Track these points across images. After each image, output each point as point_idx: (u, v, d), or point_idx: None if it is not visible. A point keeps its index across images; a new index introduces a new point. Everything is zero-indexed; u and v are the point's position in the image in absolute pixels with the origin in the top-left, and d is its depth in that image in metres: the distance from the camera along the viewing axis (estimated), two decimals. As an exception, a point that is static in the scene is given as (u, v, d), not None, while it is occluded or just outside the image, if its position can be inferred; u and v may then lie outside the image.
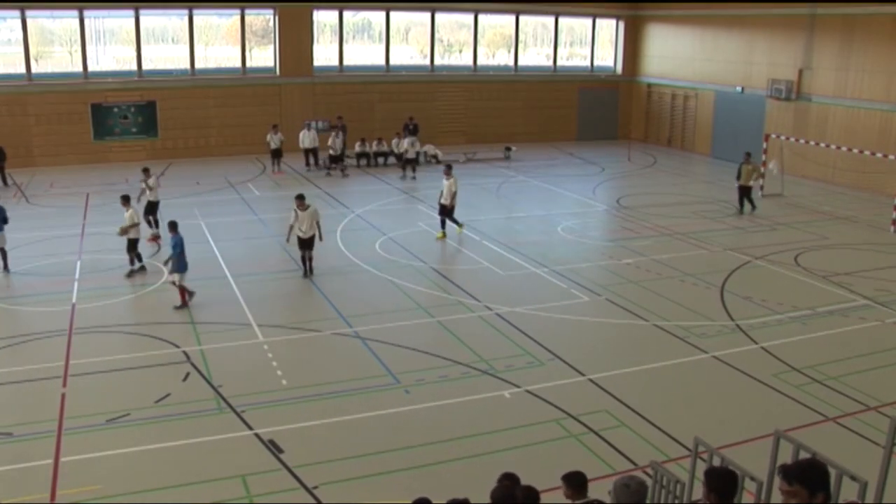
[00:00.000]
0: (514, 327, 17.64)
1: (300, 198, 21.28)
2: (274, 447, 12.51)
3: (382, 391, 14.59)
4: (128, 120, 38.31)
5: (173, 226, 19.47)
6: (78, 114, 37.36)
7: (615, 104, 47.32)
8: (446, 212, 24.89)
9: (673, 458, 11.98)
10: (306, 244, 21.10)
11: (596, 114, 46.64)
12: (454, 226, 25.15)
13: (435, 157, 38.33)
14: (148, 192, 24.78)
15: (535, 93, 45.30)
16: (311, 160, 36.53)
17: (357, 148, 37.37)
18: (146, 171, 25.20)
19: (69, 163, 36.18)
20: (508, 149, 40.18)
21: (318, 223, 21.24)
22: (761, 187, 31.59)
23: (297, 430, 13.13)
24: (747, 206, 28.77)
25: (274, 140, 35.66)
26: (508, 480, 7.57)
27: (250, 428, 13.15)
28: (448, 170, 25.33)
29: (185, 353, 16.02)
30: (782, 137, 33.20)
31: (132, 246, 21.35)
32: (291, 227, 21.15)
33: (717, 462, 8.30)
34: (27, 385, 14.83)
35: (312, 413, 13.72)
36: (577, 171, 36.90)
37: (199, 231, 25.49)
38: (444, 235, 24.93)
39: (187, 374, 15.17)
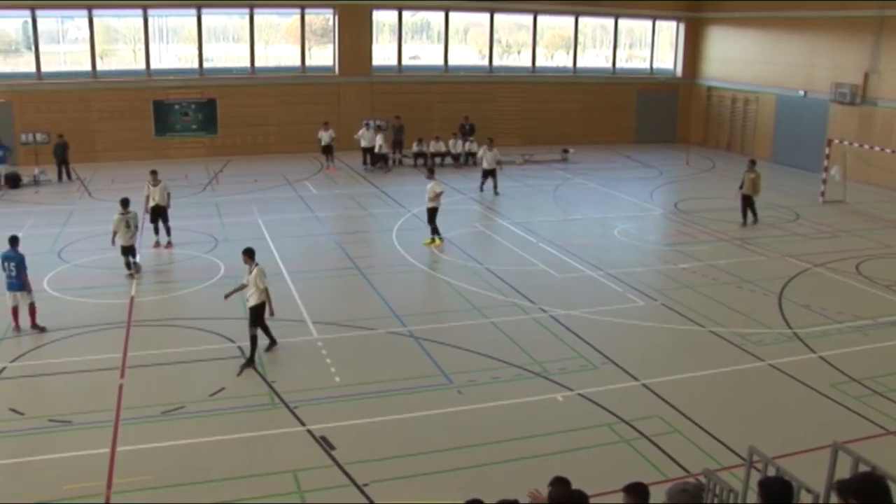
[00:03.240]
0: (568, 330, 17.54)
1: (248, 253, 16.43)
2: (326, 444, 12.59)
3: (435, 391, 14.60)
4: (188, 117, 38.87)
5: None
6: (140, 110, 37.99)
7: (674, 107, 46.81)
8: (431, 216, 24.23)
9: (726, 466, 11.82)
10: (250, 315, 15.95)
11: (654, 116, 46.18)
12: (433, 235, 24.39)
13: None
14: (150, 198, 23.61)
15: (593, 95, 44.99)
16: (369, 159, 36.74)
17: (414, 148, 37.46)
18: (153, 173, 23.89)
19: (131, 158, 36.77)
20: (566, 151, 39.98)
21: (266, 291, 15.88)
22: (822, 194, 31.09)
23: (349, 427, 13.19)
24: (750, 216, 27.33)
25: (324, 137, 36.11)
26: (560, 484, 7.51)
27: (303, 424, 13.24)
28: (430, 173, 25.00)
29: (239, 348, 16.15)
30: (845, 143, 32.58)
31: (125, 251, 20.94)
32: (242, 287, 16.26)
33: (771, 472, 8.17)
34: (86, 375, 15.11)
35: (365, 411, 13.78)
36: (634, 175, 36.61)
37: (256, 228, 25.77)
38: (433, 242, 24.12)
39: (242, 369, 15.31)
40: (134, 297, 19.43)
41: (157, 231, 23.76)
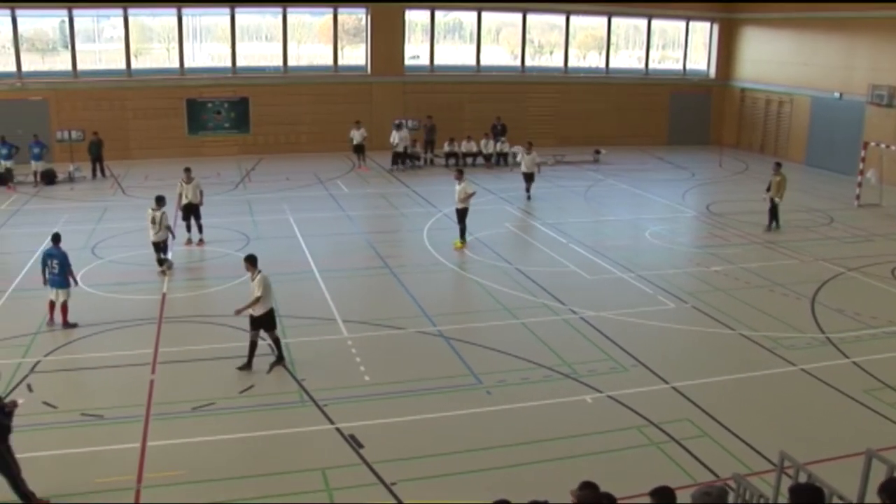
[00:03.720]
0: (598, 332, 17.47)
1: (249, 260, 15.79)
2: (354, 442, 12.62)
3: (464, 391, 14.60)
4: (221, 115, 39.14)
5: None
6: (173, 109, 38.32)
7: (707, 108, 46.47)
8: (463, 217, 24.06)
9: (756, 471, 11.70)
10: (262, 323, 15.47)
11: (687, 118, 45.90)
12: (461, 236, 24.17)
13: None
14: (183, 195, 23.62)
15: (625, 96, 44.77)
16: (399, 159, 36.83)
17: (446, 148, 37.48)
18: (187, 170, 23.85)
19: (164, 156, 37.03)
20: (598, 152, 39.83)
21: (257, 299, 15.20)
22: (860, 196, 30.74)
23: (377, 426, 13.22)
24: (776, 221, 26.90)
25: (356, 136, 36.28)
26: (588, 489, 7.48)
27: (332, 422, 13.28)
28: (459, 174, 24.60)
29: (270, 345, 16.22)
30: (882, 145, 32.15)
31: (156, 247, 21.17)
32: (258, 300, 15.26)
33: (803, 478, 8.10)
34: (118, 370, 15.24)
35: (394, 410, 13.81)
36: (666, 176, 36.41)
37: (287, 226, 25.91)
38: (464, 244, 23.93)
39: (272, 367, 15.39)
40: (166, 294, 19.58)
41: (189, 228, 23.90)
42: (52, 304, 17.42)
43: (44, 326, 17.24)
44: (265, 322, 15.43)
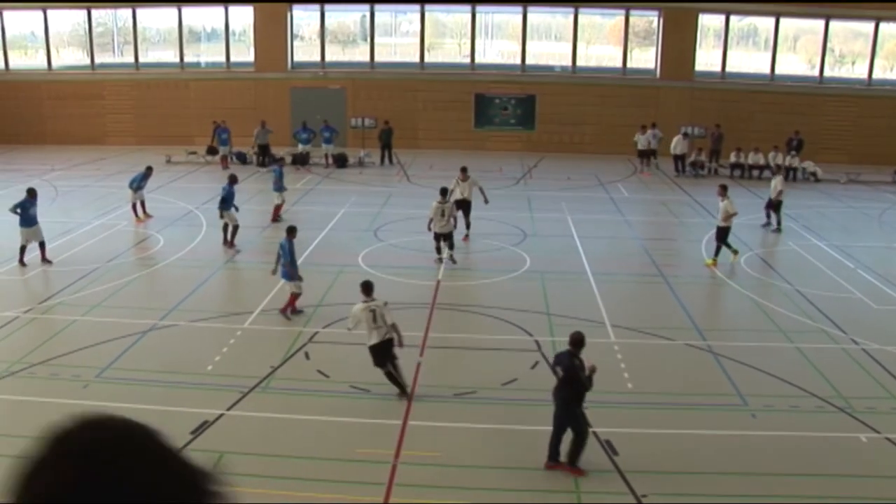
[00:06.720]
0: (881, 367, 16.10)
1: (361, 286, 14.58)
2: (609, 448, 12.41)
3: (728, 411, 13.98)
4: (507, 111, 39.94)
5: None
6: (462, 102, 39.56)
7: None
8: (721, 235, 22.42)
9: None
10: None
11: None
12: (728, 252, 22.47)
13: (814, 174, 36.13)
14: (459, 192, 23.85)
15: (939, 112, 41.05)
16: (680, 166, 35.98)
17: (732, 158, 36.14)
18: (463, 170, 24.23)
19: (449, 147, 38.33)
20: (899, 173, 36.91)
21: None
22: None
23: (634, 435, 12.93)
24: None
25: (641, 140, 35.82)
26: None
27: (588, 425, 13.11)
28: (723, 190, 22.78)
29: (536, 341, 16.31)
30: None
31: (436, 237, 21.54)
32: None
33: None
34: (388, 350, 15.87)
35: (653, 421, 13.46)
36: (978, 204, 33.15)
37: (564, 225, 26.02)
38: (715, 263, 22.29)
39: (536, 363, 15.45)
40: (440, 281, 20.17)
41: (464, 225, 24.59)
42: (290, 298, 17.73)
43: (325, 300, 18.26)
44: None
